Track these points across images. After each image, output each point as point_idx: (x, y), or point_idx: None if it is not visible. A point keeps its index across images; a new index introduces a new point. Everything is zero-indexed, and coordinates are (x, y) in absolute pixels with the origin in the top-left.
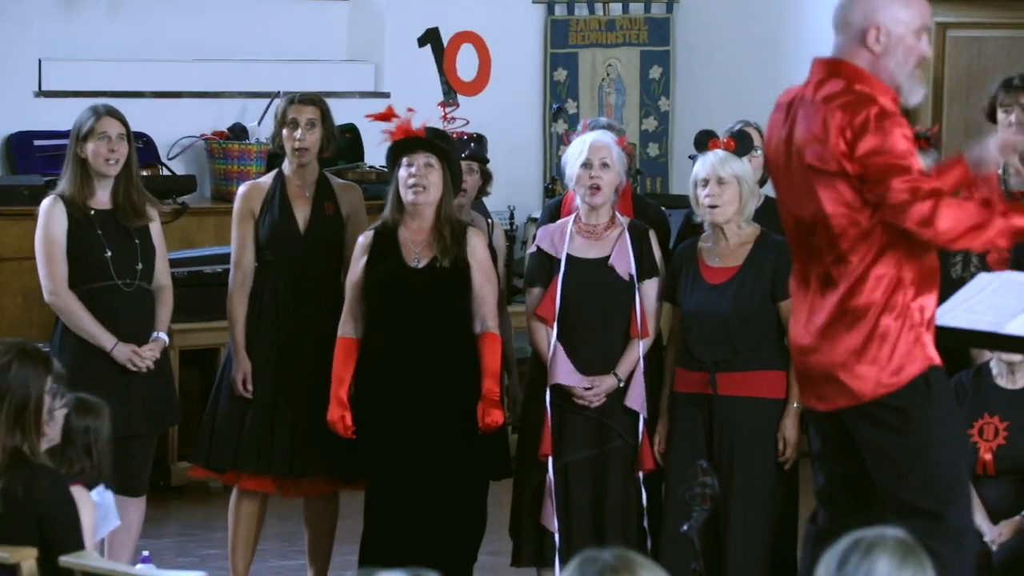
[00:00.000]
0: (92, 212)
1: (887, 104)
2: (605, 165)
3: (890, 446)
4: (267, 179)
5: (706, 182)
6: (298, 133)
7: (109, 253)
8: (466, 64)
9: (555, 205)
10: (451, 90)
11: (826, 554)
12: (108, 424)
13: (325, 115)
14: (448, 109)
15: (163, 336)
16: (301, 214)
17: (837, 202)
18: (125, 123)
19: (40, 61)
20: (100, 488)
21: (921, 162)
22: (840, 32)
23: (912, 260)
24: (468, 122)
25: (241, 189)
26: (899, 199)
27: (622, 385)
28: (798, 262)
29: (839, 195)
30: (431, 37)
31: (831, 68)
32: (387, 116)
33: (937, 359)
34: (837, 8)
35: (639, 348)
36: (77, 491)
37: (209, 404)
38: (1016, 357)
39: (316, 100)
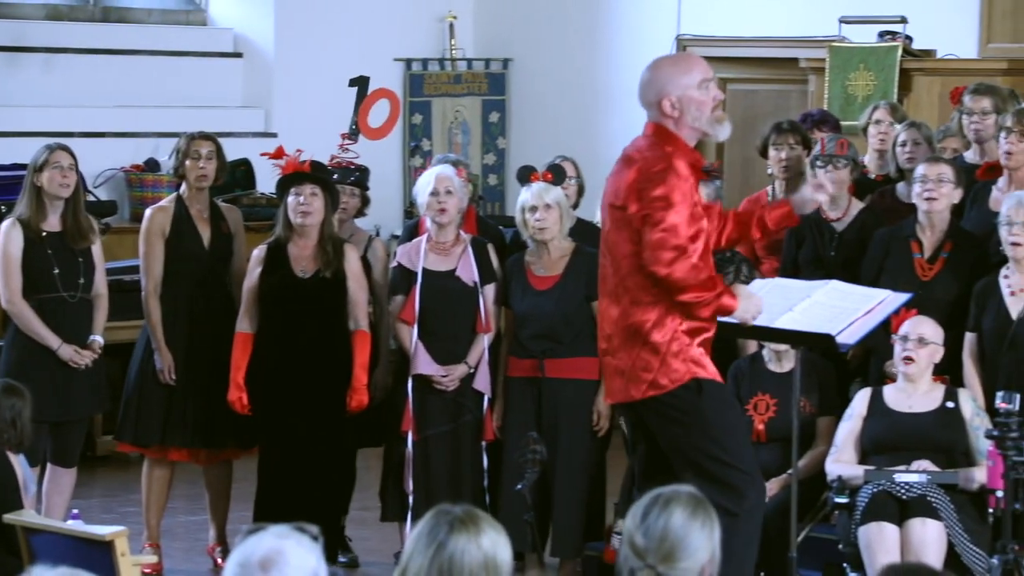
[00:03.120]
0: (44, 234)
1: (680, 168)
2: (449, 192)
3: (675, 432)
4: (168, 203)
5: (534, 208)
6: (200, 163)
7: (57, 270)
8: (378, 114)
9: (412, 226)
10: (357, 129)
11: (631, 508)
12: (29, 404)
13: (219, 149)
14: (347, 142)
15: (99, 338)
16: (204, 233)
17: (627, 238)
18: (74, 156)
19: None
20: (21, 458)
21: (703, 192)
22: (647, 108)
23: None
24: (359, 156)
25: (149, 212)
26: (647, 253)
27: (472, 371)
28: (602, 277)
29: (629, 233)
30: (360, 82)
31: (651, 130)
32: (278, 155)
33: (707, 374)
34: (639, 91)
35: (484, 341)
36: (11, 457)
37: (131, 391)
38: (783, 346)
39: (212, 137)
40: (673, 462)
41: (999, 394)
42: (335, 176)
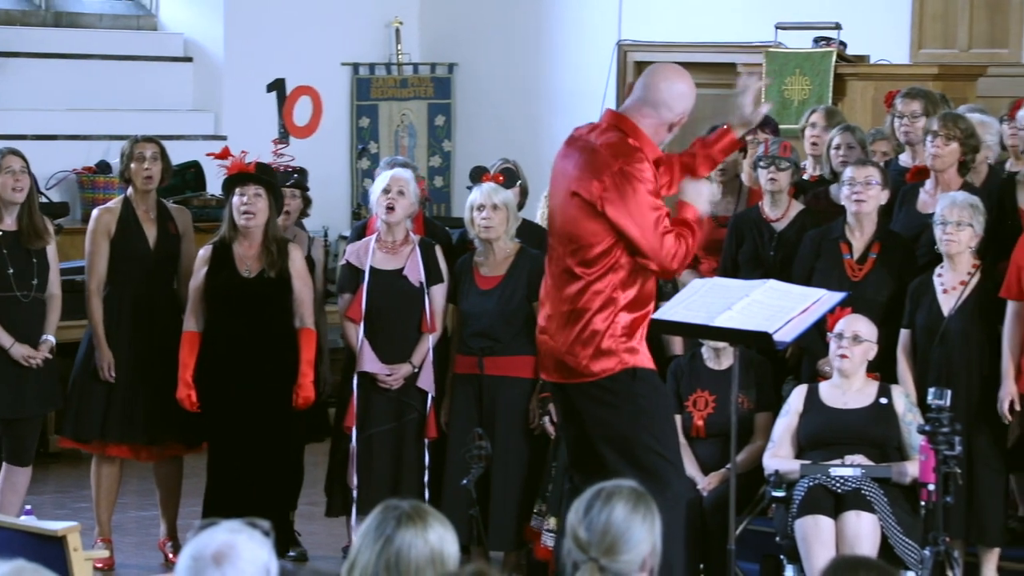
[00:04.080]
0: (1, 234)
1: (650, 156)
2: (401, 193)
3: (605, 417)
4: (115, 204)
5: (482, 207)
6: (145, 165)
7: (11, 270)
8: (302, 112)
9: (361, 226)
10: (286, 132)
11: (575, 503)
12: None
13: (163, 151)
14: (280, 146)
15: (51, 338)
16: (150, 233)
17: (586, 227)
18: (25, 160)
19: None
20: None
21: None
22: (640, 99)
23: (629, 287)
24: (295, 158)
25: (95, 212)
26: (648, 249)
27: (416, 370)
28: (548, 260)
29: (590, 222)
30: (277, 86)
31: (615, 121)
32: (224, 155)
33: (643, 363)
34: (647, 80)
35: (429, 340)
36: None
37: (73, 387)
38: (721, 344)
39: (155, 139)
40: (600, 447)
41: (931, 390)
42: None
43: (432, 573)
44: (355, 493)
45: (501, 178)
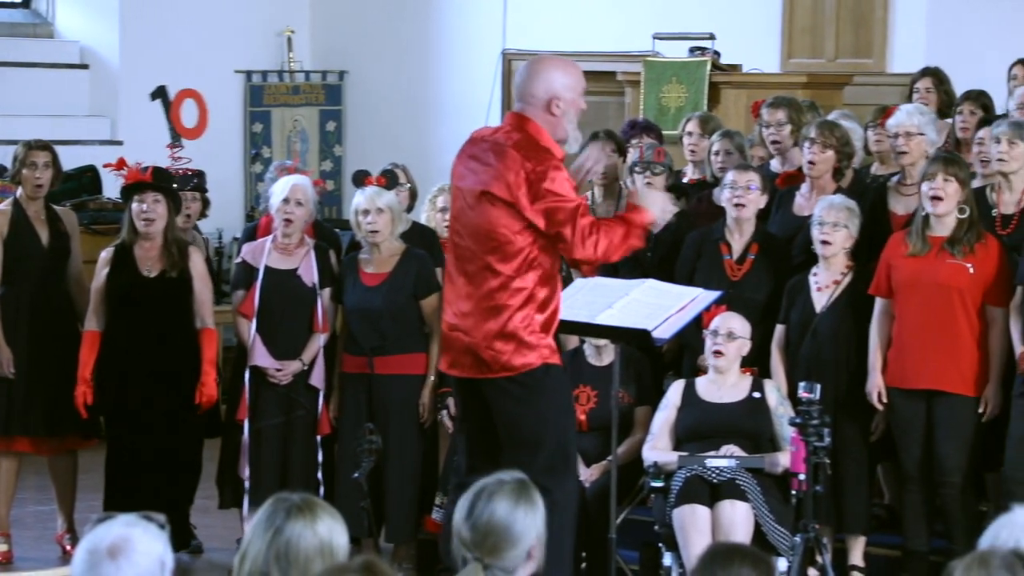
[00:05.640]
0: None
1: (558, 155)
2: (299, 203)
3: (518, 412)
4: (6, 206)
5: (366, 212)
6: (36, 173)
7: None
8: (188, 114)
9: (253, 227)
10: (177, 136)
11: (459, 502)
12: None
13: (55, 158)
14: (175, 150)
15: None
16: (43, 233)
17: (502, 224)
18: None
19: None
20: None
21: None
22: (523, 100)
23: (546, 284)
24: (191, 160)
25: None
26: (570, 240)
27: (306, 368)
28: (457, 258)
29: (506, 219)
30: (160, 93)
31: (520, 122)
32: (120, 166)
33: (555, 360)
34: (520, 82)
35: (320, 339)
36: None
37: None
38: (602, 341)
39: (48, 146)
40: (505, 441)
41: (801, 384)
42: (175, 184)
43: (321, 563)
44: (247, 485)
45: (383, 180)
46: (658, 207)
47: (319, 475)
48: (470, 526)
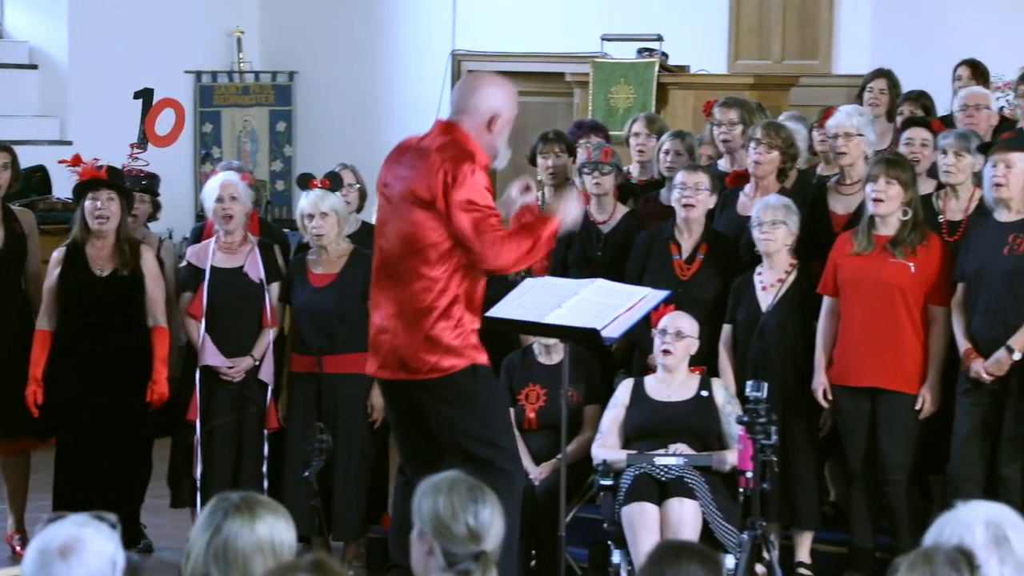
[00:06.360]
0: None
1: (482, 162)
2: (233, 198)
3: (449, 413)
4: None
5: (311, 216)
6: None
7: None
8: (164, 123)
9: (199, 228)
10: (144, 139)
11: (418, 499)
12: None
13: (15, 160)
14: (136, 150)
15: None
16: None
17: (427, 227)
18: None
19: None
20: None
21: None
22: (461, 112)
23: (472, 285)
24: (148, 163)
25: None
26: (477, 249)
27: (257, 364)
28: (383, 262)
29: (430, 222)
30: (145, 95)
31: (447, 128)
32: (75, 162)
33: (482, 360)
34: (459, 95)
35: (269, 335)
36: None
37: None
38: (551, 340)
39: (7, 147)
40: (441, 442)
41: (748, 383)
42: (126, 183)
43: (262, 561)
44: (198, 484)
45: (327, 183)
46: (572, 216)
47: (264, 469)
48: (471, 519)
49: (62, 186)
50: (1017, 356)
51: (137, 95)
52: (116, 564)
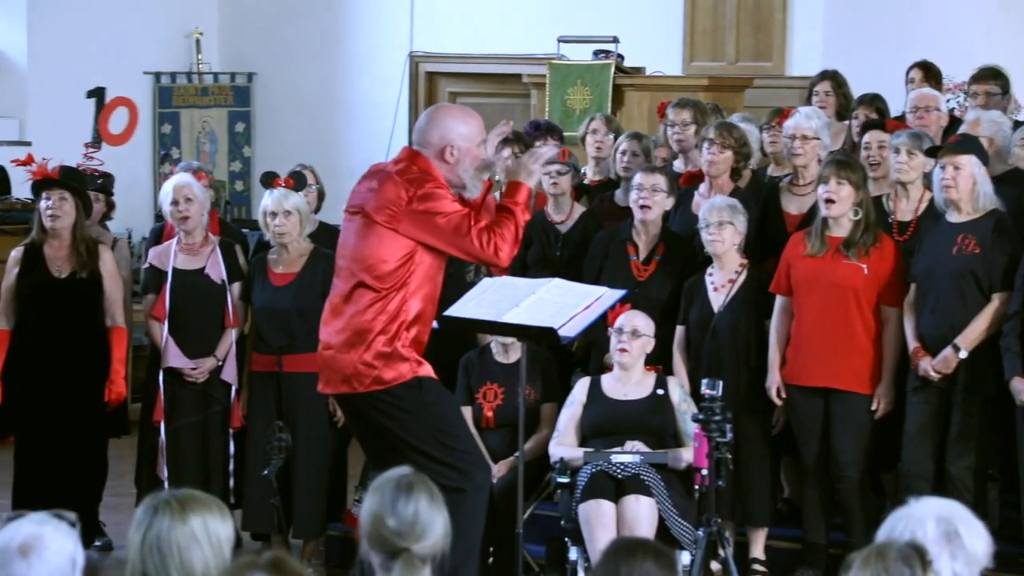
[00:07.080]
0: None
1: (443, 185)
2: (188, 199)
3: (397, 427)
4: None
5: (274, 214)
6: None
7: None
8: (117, 121)
9: (158, 229)
10: (99, 138)
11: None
12: None
13: None
14: (91, 150)
15: None
16: None
17: (377, 247)
18: None
19: None
20: None
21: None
22: (420, 144)
23: (418, 302)
24: (104, 163)
25: None
26: (474, 251)
27: (220, 364)
28: (337, 278)
29: (381, 242)
30: (97, 94)
31: (411, 155)
32: (27, 162)
33: (424, 372)
34: (418, 126)
35: (231, 335)
36: None
37: None
38: (509, 339)
39: None
40: (395, 452)
41: (704, 381)
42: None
43: (201, 552)
44: (165, 484)
45: (291, 182)
46: (534, 176)
47: (231, 468)
48: (396, 517)
49: (21, 186)
50: (964, 355)
51: (90, 94)
52: (76, 562)
